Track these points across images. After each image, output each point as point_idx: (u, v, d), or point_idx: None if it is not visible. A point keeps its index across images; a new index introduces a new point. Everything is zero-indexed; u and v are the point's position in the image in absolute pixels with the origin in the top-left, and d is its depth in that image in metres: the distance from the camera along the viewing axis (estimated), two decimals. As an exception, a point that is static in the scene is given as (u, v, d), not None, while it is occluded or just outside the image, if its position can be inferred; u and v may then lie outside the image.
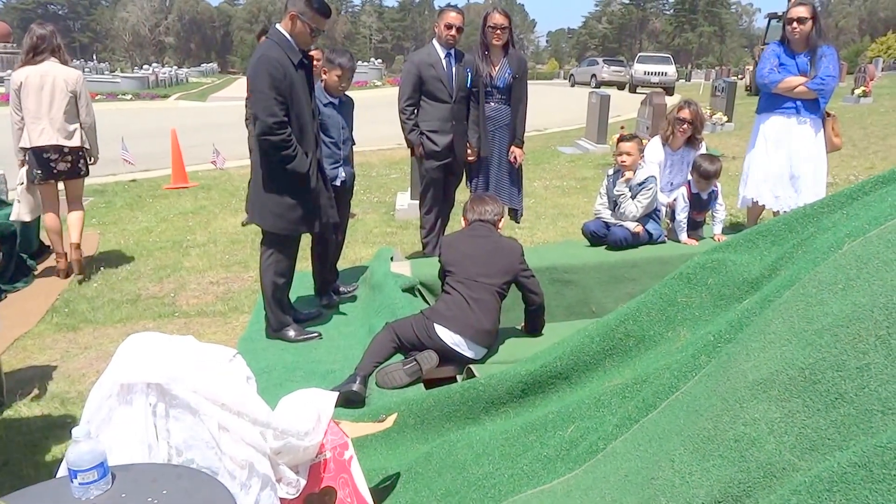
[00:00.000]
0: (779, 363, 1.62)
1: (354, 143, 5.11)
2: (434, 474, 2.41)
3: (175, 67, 53.39)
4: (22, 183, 5.76)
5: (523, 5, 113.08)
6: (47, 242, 6.59)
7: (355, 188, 9.06)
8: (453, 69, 5.10)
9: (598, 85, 34.75)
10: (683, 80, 43.91)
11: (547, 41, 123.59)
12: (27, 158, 5.61)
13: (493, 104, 5.28)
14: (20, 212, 5.77)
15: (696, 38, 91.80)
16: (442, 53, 5.10)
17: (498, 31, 5.12)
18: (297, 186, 4.01)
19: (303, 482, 2.07)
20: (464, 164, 5.34)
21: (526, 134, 5.66)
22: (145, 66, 51.90)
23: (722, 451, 1.57)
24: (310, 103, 4.06)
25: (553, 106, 24.32)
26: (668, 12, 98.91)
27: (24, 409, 3.73)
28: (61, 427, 3.52)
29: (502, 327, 3.76)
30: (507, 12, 5.31)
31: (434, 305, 3.57)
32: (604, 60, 39.67)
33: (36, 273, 6.07)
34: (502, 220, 3.77)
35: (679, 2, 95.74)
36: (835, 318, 1.62)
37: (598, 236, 5.03)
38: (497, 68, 5.21)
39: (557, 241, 6.30)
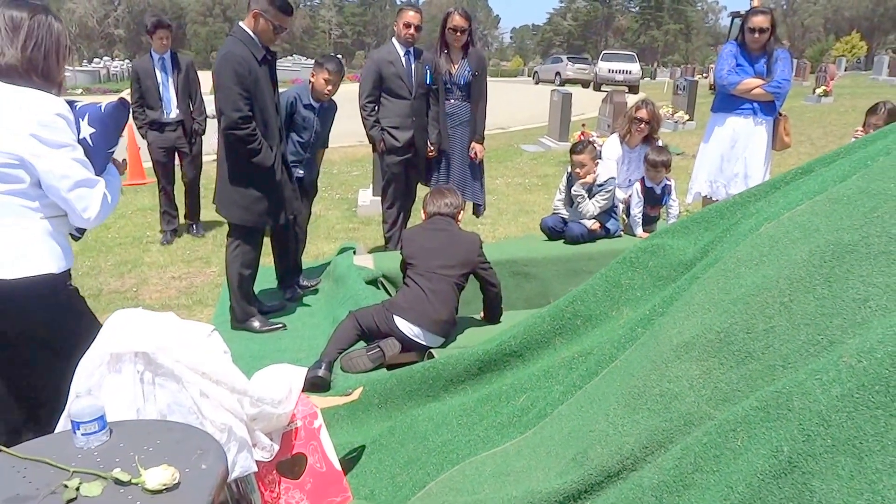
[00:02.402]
0: (699, 328, 1.91)
1: (326, 147, 5.36)
2: (397, 445, 2.66)
3: (126, 61, 52.67)
4: None
5: (486, 1, 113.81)
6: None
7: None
8: (412, 66, 5.36)
9: (563, 83, 35.35)
10: (648, 79, 44.83)
11: (511, 38, 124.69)
12: None
13: (453, 101, 5.54)
14: None
15: (661, 35, 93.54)
16: (401, 51, 5.36)
17: (458, 34, 5.38)
18: (263, 179, 4.24)
19: (276, 447, 2.30)
20: (424, 160, 5.59)
21: (489, 132, 5.93)
22: (95, 60, 51.14)
23: (649, 404, 1.86)
24: (273, 98, 4.29)
25: (516, 104, 24.75)
26: (633, 10, 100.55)
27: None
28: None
29: (462, 316, 4.03)
30: (467, 13, 5.56)
31: (394, 297, 3.82)
32: (568, 58, 40.33)
33: None
34: (462, 212, 4.03)
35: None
36: (747, 289, 1.92)
37: (556, 231, 5.33)
38: (457, 66, 5.48)
39: (518, 237, 6.59)
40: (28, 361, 2.36)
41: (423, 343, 3.60)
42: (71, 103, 2.34)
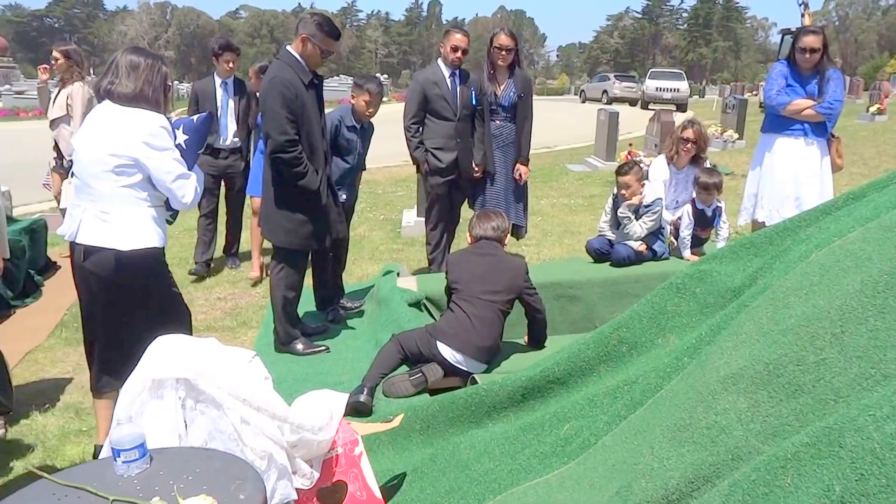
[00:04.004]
0: (747, 359, 1.87)
1: (364, 169, 5.42)
2: (438, 473, 2.66)
3: (176, 82, 54.21)
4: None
5: (533, 19, 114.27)
6: (54, 259, 6.91)
7: (361, 206, 9.35)
8: (458, 88, 5.40)
9: (610, 101, 35.16)
10: (697, 97, 44.35)
11: (558, 56, 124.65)
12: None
13: (498, 122, 5.57)
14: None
15: (710, 53, 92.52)
16: (447, 73, 5.40)
17: (504, 53, 5.42)
18: (308, 203, 4.30)
19: (316, 475, 2.32)
20: (469, 181, 5.62)
21: (535, 151, 5.94)
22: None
23: (695, 437, 1.83)
24: (320, 122, 4.36)
25: (563, 122, 24.71)
26: (681, 27, 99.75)
27: (39, 418, 3.98)
28: (76, 434, 3.78)
29: (506, 341, 4.01)
30: (513, 33, 5.59)
31: (437, 322, 3.83)
32: (615, 76, 40.14)
33: (43, 288, 6.35)
34: (507, 235, 4.03)
35: (693, 17, 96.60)
36: (797, 319, 1.88)
37: (602, 254, 5.29)
38: (502, 87, 5.51)
39: (563, 259, 6.55)
40: (125, 315, 3.04)
41: (466, 369, 3.60)
42: (167, 117, 3.06)
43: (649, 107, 30.11)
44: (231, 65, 6.16)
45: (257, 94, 5.61)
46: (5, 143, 10.00)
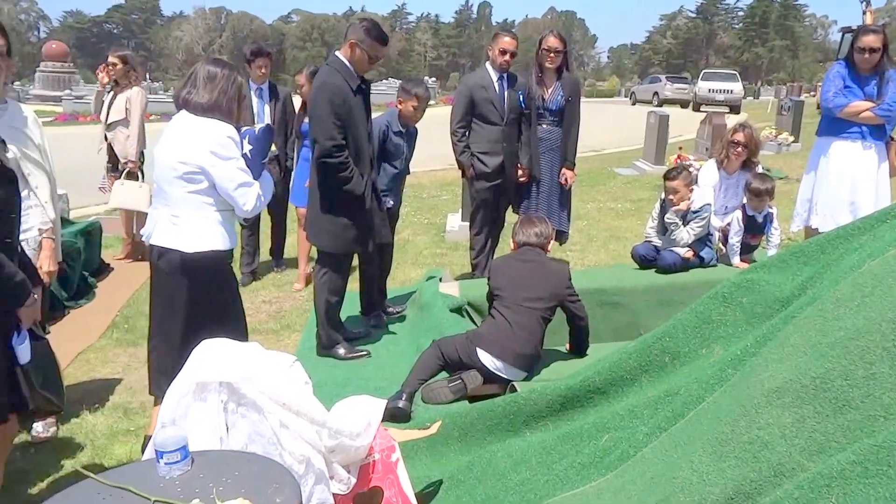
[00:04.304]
0: (793, 372, 1.83)
1: (409, 173, 5.45)
2: (475, 481, 2.66)
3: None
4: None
5: (584, 20, 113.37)
6: (108, 261, 7.11)
7: (406, 210, 9.41)
8: (505, 92, 5.39)
9: (661, 103, 34.69)
10: (751, 98, 43.45)
11: (608, 57, 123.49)
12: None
13: (545, 126, 5.54)
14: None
15: (766, 52, 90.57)
16: (494, 77, 5.40)
17: (552, 55, 5.40)
18: (353, 207, 4.35)
19: (353, 480, 2.34)
20: (514, 186, 5.60)
21: (581, 154, 5.89)
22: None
23: (737, 452, 1.79)
24: (367, 127, 4.41)
25: (611, 125, 24.46)
26: (737, 26, 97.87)
27: (89, 417, 4.10)
28: (124, 434, 3.88)
29: (547, 348, 3.99)
30: (562, 35, 5.56)
31: (478, 328, 3.82)
32: (667, 77, 39.58)
33: (96, 290, 6.53)
34: (551, 241, 4.00)
35: (749, 15, 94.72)
36: (847, 332, 1.82)
37: (648, 260, 5.22)
38: (550, 90, 5.48)
39: (608, 264, 6.49)
40: (187, 315, 3.20)
41: (506, 377, 3.59)
42: (236, 128, 3.23)
43: (701, 109, 29.62)
44: (264, 70, 6.17)
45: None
46: (65, 147, 10.30)
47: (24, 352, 2.42)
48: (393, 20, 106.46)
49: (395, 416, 3.54)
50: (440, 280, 5.51)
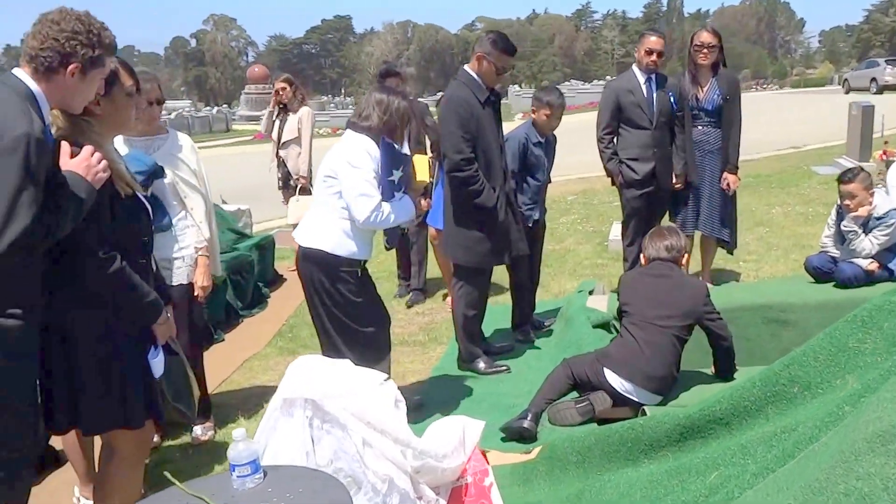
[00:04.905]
0: (904, 416, 1.61)
1: (549, 181, 5.39)
2: (580, 511, 2.58)
3: (415, 97, 57.47)
4: None
5: (789, 3, 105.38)
6: (281, 272, 7.66)
7: (572, 217, 9.31)
8: (654, 94, 5.19)
9: (880, 90, 31.51)
10: None
11: (819, 41, 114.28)
12: None
13: (701, 128, 5.29)
14: None
15: None
16: (642, 79, 5.22)
17: (705, 50, 5.15)
18: (486, 220, 4.38)
19: (442, 502, 2.36)
20: (669, 193, 5.37)
21: (778, 152, 5.54)
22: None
23: None
24: (497, 139, 4.43)
25: (816, 118, 22.58)
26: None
27: (244, 423, 4.43)
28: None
29: (690, 370, 3.77)
30: (716, 30, 5.30)
31: (606, 348, 3.69)
32: (886, 61, 35.83)
33: (269, 300, 7.06)
34: (685, 255, 3.79)
35: None
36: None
37: (824, 272, 4.80)
38: (705, 90, 5.22)
39: (782, 277, 6.01)
40: (318, 313, 3.65)
41: (636, 400, 3.44)
42: (394, 147, 3.56)
43: (930, 95, 26.56)
44: None
45: None
46: (257, 164, 11.23)
47: (157, 366, 2.67)
48: (577, 19, 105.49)
49: (521, 435, 3.52)
50: (590, 293, 5.39)
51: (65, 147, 2.25)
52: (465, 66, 4.40)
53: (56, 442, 3.67)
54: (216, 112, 41.43)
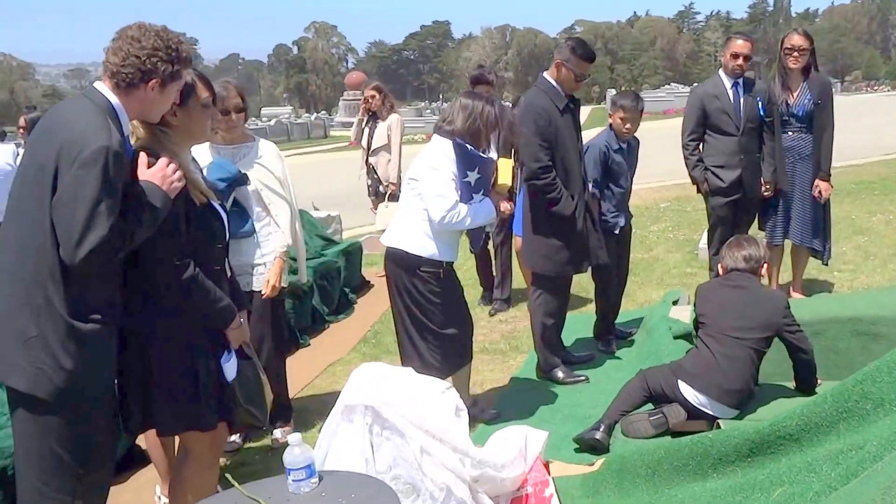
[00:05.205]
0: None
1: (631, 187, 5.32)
2: (644, 525, 2.56)
3: (509, 102, 57.54)
4: None
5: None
6: (368, 278, 7.83)
7: (664, 224, 9.14)
8: (741, 99, 5.07)
9: None
10: None
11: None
12: None
13: (791, 134, 5.13)
14: None
15: None
16: (728, 83, 5.10)
17: (795, 54, 4.99)
18: (564, 228, 4.37)
19: (501, 511, 2.40)
20: (757, 201, 5.22)
21: (886, 156, 5.32)
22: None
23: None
24: (576, 146, 4.43)
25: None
26: None
27: (322, 427, 4.58)
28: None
29: (770, 383, 3.66)
30: (808, 33, 5.12)
31: (681, 360, 3.62)
32: None
33: (355, 305, 7.23)
34: (764, 265, 3.69)
35: None
36: None
37: (924, 283, 4.56)
38: (796, 94, 5.06)
39: (878, 288, 5.73)
40: (399, 313, 3.80)
41: (711, 413, 3.37)
42: (478, 151, 3.68)
43: None
44: None
45: None
46: (349, 170, 11.53)
47: (229, 370, 2.77)
48: (679, 21, 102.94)
49: (593, 447, 3.51)
50: (674, 303, 5.29)
51: (142, 158, 2.37)
52: (545, 73, 4.41)
53: (142, 441, 3.87)
54: (314, 118, 42.52)
